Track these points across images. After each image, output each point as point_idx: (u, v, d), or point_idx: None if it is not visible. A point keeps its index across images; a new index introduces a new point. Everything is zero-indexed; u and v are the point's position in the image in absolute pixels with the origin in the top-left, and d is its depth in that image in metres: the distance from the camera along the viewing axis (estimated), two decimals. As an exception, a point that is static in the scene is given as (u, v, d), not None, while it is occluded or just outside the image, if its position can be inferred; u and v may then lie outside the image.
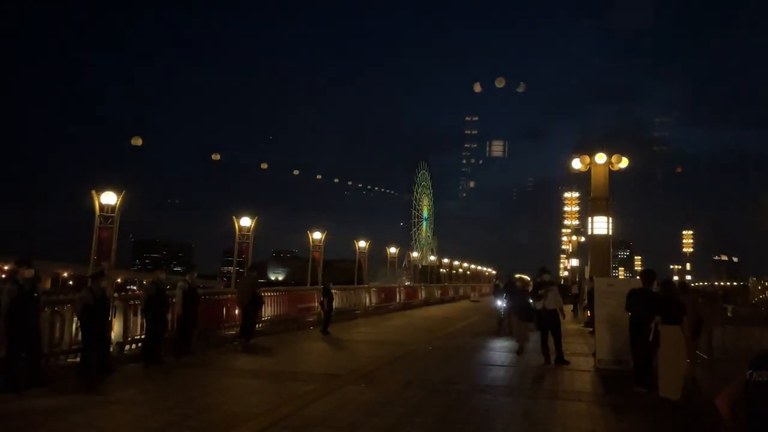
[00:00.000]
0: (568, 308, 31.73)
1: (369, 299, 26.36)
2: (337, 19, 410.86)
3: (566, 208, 72.08)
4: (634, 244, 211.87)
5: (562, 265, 76.38)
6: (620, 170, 18.75)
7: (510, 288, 16.72)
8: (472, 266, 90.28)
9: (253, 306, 14.38)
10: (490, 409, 8.24)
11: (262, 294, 15.52)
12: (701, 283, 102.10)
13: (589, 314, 18.24)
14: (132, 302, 11.67)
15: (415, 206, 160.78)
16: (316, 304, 19.39)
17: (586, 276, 24.03)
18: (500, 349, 14.42)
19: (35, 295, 8.77)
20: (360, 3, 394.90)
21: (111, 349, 10.52)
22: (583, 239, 50.90)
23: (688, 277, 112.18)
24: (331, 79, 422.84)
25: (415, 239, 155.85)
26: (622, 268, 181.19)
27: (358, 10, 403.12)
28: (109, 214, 15.85)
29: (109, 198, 15.84)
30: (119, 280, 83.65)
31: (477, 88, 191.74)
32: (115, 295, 11.77)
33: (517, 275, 18.72)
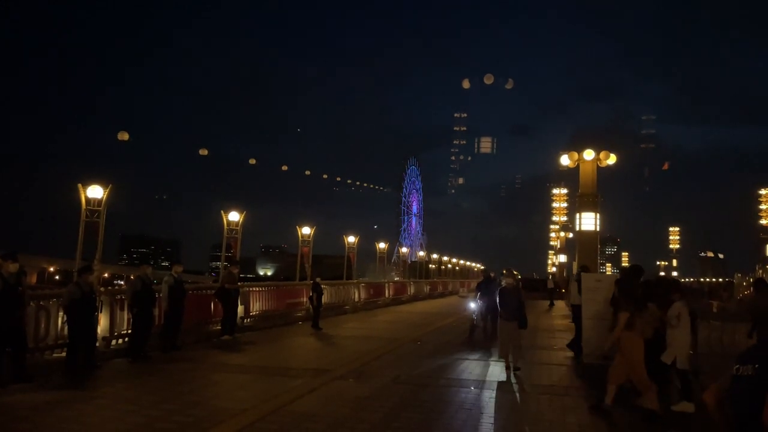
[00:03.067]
0: (545, 302, 32.09)
1: (358, 295, 26.35)
2: (326, 15, 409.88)
3: (554, 205, 72.54)
4: (621, 241, 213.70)
5: (550, 261, 76.82)
6: (608, 167, 18.86)
7: (488, 284, 13.56)
8: (461, 262, 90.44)
9: (222, 301, 14.35)
10: (478, 403, 8.27)
11: (249, 289, 15.41)
12: (688, 279, 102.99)
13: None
14: (118, 297, 11.59)
15: (404, 202, 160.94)
16: (305, 299, 19.36)
17: (574, 272, 24.15)
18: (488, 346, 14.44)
19: (20, 289, 8.68)
20: (349, 0, 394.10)
21: (97, 344, 10.44)
22: (571, 235, 51.21)
23: (675, 274, 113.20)
24: (320, 75, 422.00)
25: (405, 235, 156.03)
26: (610, 264, 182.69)
27: (348, 7, 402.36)
28: (95, 208, 15.70)
29: (95, 192, 15.69)
30: (106, 275, 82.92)
31: (466, 84, 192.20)
32: (102, 289, 11.68)
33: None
